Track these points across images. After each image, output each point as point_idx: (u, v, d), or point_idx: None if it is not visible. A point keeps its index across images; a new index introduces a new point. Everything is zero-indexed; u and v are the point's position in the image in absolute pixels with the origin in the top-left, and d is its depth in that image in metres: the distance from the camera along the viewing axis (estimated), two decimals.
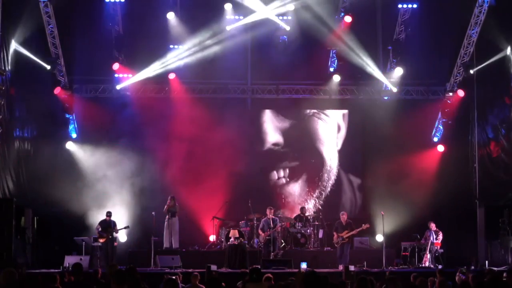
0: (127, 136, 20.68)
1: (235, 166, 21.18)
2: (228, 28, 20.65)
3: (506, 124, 19.57)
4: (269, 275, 10.99)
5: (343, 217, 18.41)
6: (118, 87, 20.96)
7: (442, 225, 18.92)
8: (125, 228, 18.79)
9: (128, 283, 6.44)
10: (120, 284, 6.40)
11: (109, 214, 18.52)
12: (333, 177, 21.64)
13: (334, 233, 18.24)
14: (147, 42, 20.52)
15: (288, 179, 21.72)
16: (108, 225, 18.38)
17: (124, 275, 6.41)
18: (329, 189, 21.63)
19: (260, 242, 18.57)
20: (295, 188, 21.53)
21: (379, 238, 19.50)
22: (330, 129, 21.81)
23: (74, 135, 21.13)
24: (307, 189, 21.32)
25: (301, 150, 21.77)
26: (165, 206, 19.08)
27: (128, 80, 20.95)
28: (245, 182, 20.93)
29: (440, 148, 21.41)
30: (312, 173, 21.45)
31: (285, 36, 21.03)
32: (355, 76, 21.59)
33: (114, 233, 18.41)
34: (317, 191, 21.38)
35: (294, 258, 17.47)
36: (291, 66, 21.19)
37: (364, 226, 18.33)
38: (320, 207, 21.06)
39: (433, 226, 18.49)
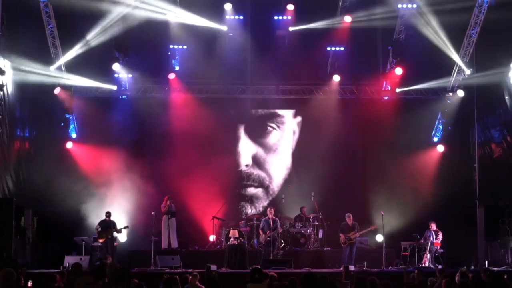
0: (126, 136, 20.66)
1: (235, 166, 21.16)
2: (228, 27, 20.68)
3: (507, 124, 19.57)
4: (274, 273, 11.00)
5: (349, 219, 18.41)
6: (117, 87, 20.98)
7: (442, 225, 18.91)
8: (124, 228, 18.78)
9: (125, 283, 6.45)
10: (118, 284, 6.41)
11: (108, 214, 18.50)
12: (333, 176, 21.61)
13: (341, 235, 18.22)
14: (147, 42, 20.49)
15: (287, 179, 21.77)
16: (107, 225, 18.36)
17: (122, 274, 6.40)
18: (328, 188, 21.59)
19: (260, 242, 18.54)
20: (294, 188, 21.52)
21: (379, 238, 19.50)
22: (329, 129, 21.75)
23: (74, 135, 21.10)
24: (306, 189, 21.24)
25: (301, 150, 21.77)
26: (164, 206, 19.07)
27: (127, 80, 20.94)
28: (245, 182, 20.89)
29: (440, 148, 21.40)
30: (311, 172, 21.39)
31: (285, 36, 21.03)
32: (355, 76, 21.59)
33: (114, 233, 18.40)
34: (317, 190, 21.32)
35: (293, 258, 17.49)
36: (291, 66, 21.15)
37: (372, 227, 18.57)
38: (319, 207, 21.02)
39: (433, 226, 18.47)
